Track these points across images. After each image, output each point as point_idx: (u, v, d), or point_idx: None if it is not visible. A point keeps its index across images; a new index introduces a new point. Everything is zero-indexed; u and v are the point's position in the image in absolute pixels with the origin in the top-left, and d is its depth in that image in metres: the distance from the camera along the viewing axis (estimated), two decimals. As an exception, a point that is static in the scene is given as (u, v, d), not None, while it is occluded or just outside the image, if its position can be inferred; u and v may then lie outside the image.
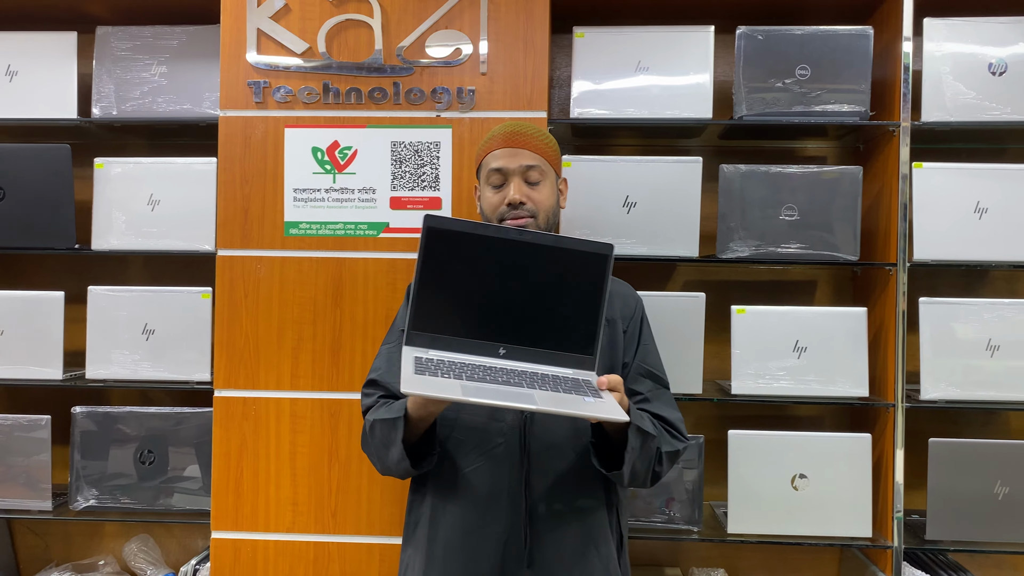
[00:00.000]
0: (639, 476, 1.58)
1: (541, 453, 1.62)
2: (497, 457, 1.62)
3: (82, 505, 2.35)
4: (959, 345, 2.24)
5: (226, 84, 2.26)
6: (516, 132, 1.73)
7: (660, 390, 1.71)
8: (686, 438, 1.69)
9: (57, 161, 2.36)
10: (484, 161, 1.75)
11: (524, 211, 1.69)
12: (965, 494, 2.21)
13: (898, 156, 2.24)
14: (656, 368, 1.74)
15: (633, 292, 1.83)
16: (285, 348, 2.24)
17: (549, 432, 1.63)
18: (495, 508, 1.61)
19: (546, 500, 1.62)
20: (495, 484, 1.61)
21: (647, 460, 1.57)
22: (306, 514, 2.23)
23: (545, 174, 1.72)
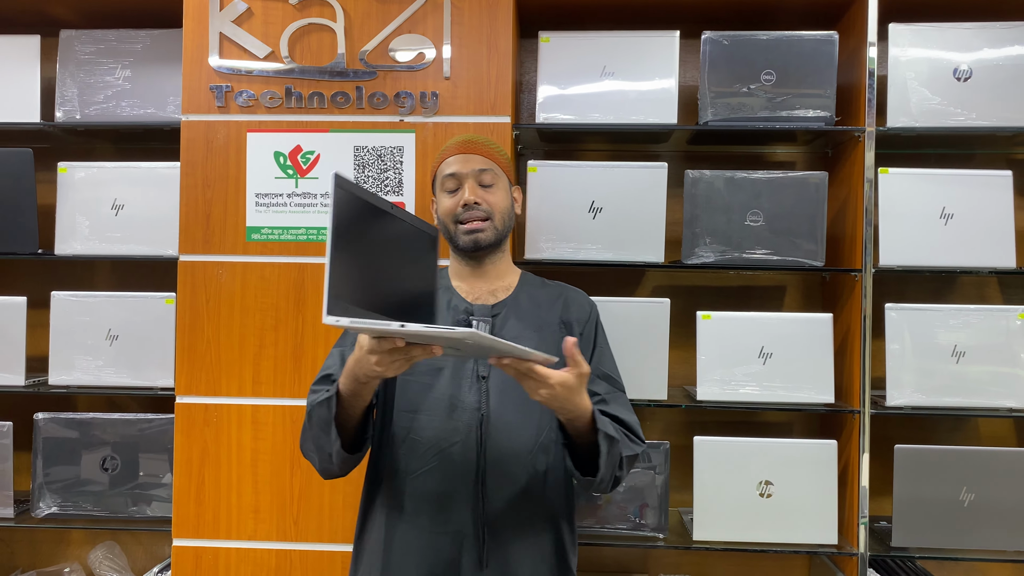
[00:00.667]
0: (605, 481, 1.59)
1: (497, 453, 1.63)
2: (453, 457, 1.62)
3: (44, 512, 2.32)
4: (925, 351, 2.23)
5: (188, 88, 2.24)
6: (469, 140, 1.77)
7: (616, 393, 1.72)
8: (643, 441, 1.69)
9: (19, 165, 2.35)
10: (439, 170, 1.78)
11: (479, 211, 1.71)
12: (931, 501, 2.20)
13: (864, 162, 2.23)
14: (612, 371, 1.75)
15: (587, 298, 1.84)
16: (247, 354, 2.22)
17: (505, 432, 1.63)
18: (451, 508, 1.61)
19: (502, 500, 1.62)
20: (451, 484, 1.62)
21: (612, 465, 1.58)
22: (268, 521, 2.21)
23: (498, 178, 1.75)
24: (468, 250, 1.72)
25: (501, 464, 1.63)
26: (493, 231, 1.72)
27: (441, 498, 1.62)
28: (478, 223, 1.70)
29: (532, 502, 1.65)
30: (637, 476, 2.25)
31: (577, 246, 2.27)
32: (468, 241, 1.71)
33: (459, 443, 1.63)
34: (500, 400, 1.64)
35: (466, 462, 1.62)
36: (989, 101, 2.24)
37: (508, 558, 1.62)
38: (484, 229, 1.71)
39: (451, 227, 1.73)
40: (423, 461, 1.63)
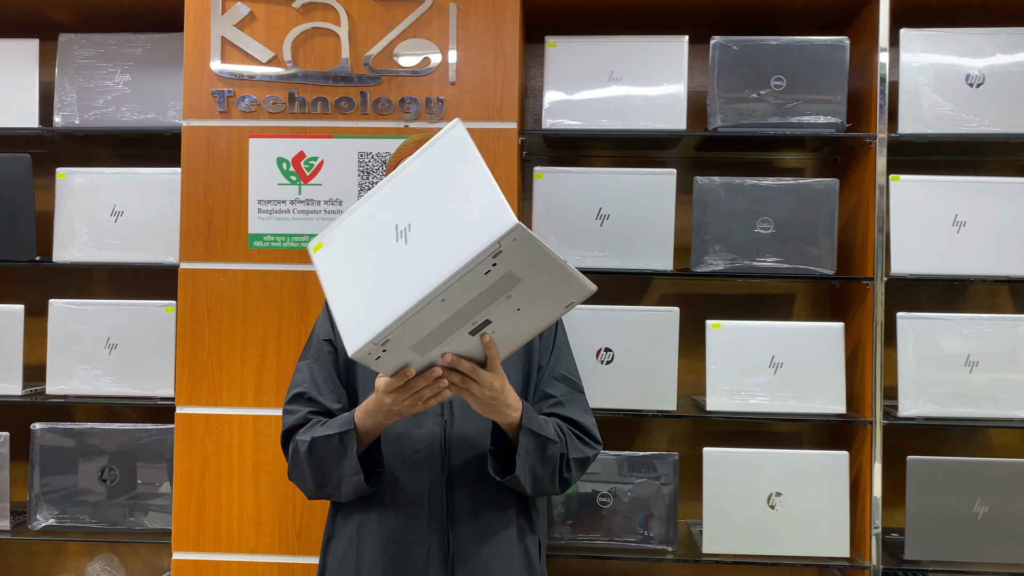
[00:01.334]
0: (542, 482, 1.55)
1: (461, 458, 1.60)
2: (418, 464, 1.59)
3: (41, 524, 2.28)
4: (937, 361, 2.20)
5: (189, 93, 2.21)
6: (425, 140, 1.66)
7: (574, 394, 1.68)
8: (598, 443, 1.65)
9: (17, 171, 2.31)
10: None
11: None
12: (944, 512, 2.16)
13: (875, 168, 2.20)
14: (570, 372, 1.70)
15: None
16: (249, 364, 2.18)
17: (469, 437, 1.60)
18: (418, 515, 1.58)
19: (468, 505, 1.59)
20: (417, 491, 1.59)
21: (549, 466, 1.54)
22: (270, 534, 2.17)
23: None
24: None
25: (467, 471, 1.60)
26: None
27: (407, 507, 1.59)
28: None
29: (499, 508, 1.62)
30: (644, 487, 2.22)
31: (584, 253, 2.24)
32: None
33: (423, 451, 1.60)
34: (464, 407, 1.60)
35: (431, 470, 1.59)
36: (1002, 107, 2.21)
37: (475, 565, 1.59)
38: None
39: None
40: (389, 469, 1.60)
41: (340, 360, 1.66)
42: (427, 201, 1.27)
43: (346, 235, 1.35)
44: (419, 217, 1.26)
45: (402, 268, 1.24)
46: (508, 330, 1.32)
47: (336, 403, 1.63)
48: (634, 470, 2.22)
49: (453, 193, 1.25)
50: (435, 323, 1.24)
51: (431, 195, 1.27)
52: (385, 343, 1.24)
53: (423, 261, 1.22)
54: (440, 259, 1.20)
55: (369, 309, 1.23)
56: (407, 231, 1.27)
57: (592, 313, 2.21)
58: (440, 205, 1.25)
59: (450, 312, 1.23)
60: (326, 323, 1.69)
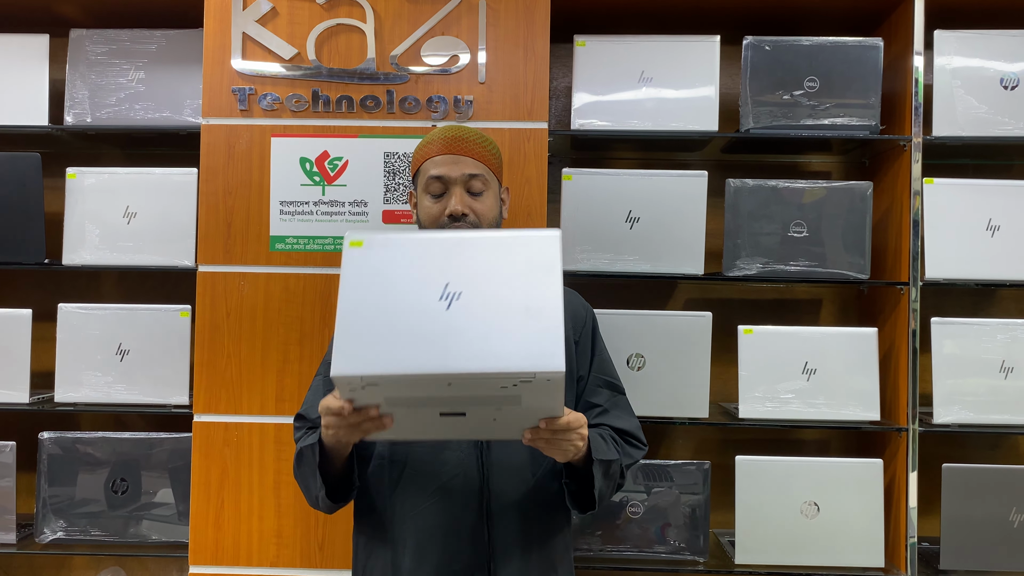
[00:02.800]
0: (605, 499, 1.53)
1: (501, 481, 1.54)
2: (455, 489, 1.53)
3: (49, 537, 2.19)
4: (972, 366, 2.17)
5: (209, 90, 2.14)
6: (458, 137, 1.60)
7: (617, 397, 1.64)
8: (644, 445, 1.62)
9: (26, 170, 2.23)
10: (422, 167, 1.62)
11: (466, 223, 1.56)
12: (980, 521, 2.13)
13: (909, 172, 2.17)
14: (612, 377, 1.67)
15: (584, 302, 1.72)
16: (270, 370, 2.11)
17: (507, 458, 1.55)
18: (457, 541, 1.52)
19: (508, 529, 1.54)
20: (456, 517, 1.53)
21: (611, 482, 1.52)
22: (291, 547, 2.09)
23: (488, 183, 1.60)
24: None
25: (506, 494, 1.54)
26: None
27: (446, 534, 1.53)
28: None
29: (537, 527, 1.57)
30: (673, 496, 2.17)
31: (614, 257, 2.19)
32: None
33: (460, 476, 1.53)
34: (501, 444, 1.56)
35: (469, 495, 1.53)
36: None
37: None
38: None
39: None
40: (423, 497, 1.54)
41: None
42: (490, 283, 1.22)
43: (392, 252, 1.27)
44: (474, 292, 1.21)
45: (430, 329, 1.18)
46: (472, 423, 1.29)
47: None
48: (664, 479, 2.17)
49: (518, 295, 1.21)
50: (425, 394, 1.21)
51: (497, 281, 1.22)
52: (371, 386, 1.19)
53: (455, 338, 1.17)
54: (472, 349, 1.16)
55: (377, 346, 1.18)
56: (455, 297, 1.21)
57: (624, 318, 2.16)
58: (500, 298, 1.21)
59: (444, 394, 1.20)
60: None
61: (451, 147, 1.59)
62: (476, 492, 1.53)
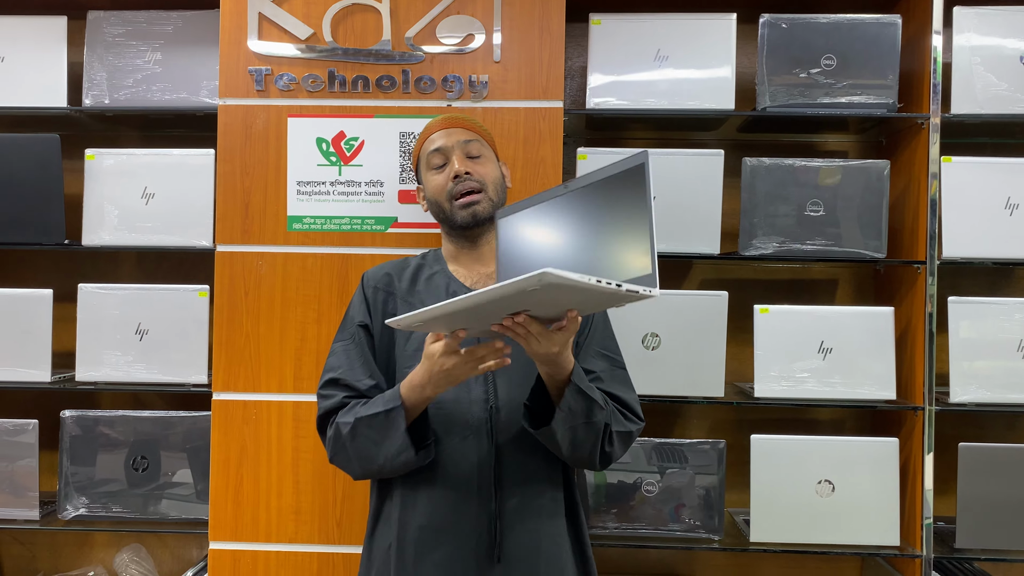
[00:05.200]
0: (582, 448, 1.51)
1: (508, 444, 1.57)
2: (465, 451, 1.57)
3: (72, 514, 2.23)
4: (989, 346, 2.16)
5: (226, 71, 2.15)
6: (449, 117, 1.73)
7: (616, 370, 1.65)
8: (640, 420, 1.62)
9: (45, 152, 2.24)
10: (422, 150, 1.72)
11: (472, 181, 1.64)
12: (996, 501, 2.13)
13: (927, 150, 2.16)
14: (610, 349, 1.68)
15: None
16: (288, 349, 2.12)
17: (515, 422, 1.57)
18: (466, 503, 1.56)
19: (516, 493, 1.58)
20: (464, 479, 1.57)
21: (592, 433, 1.50)
22: (309, 523, 2.12)
23: (484, 148, 1.70)
24: (467, 226, 1.64)
25: (514, 456, 1.58)
26: (488, 203, 1.64)
27: (453, 494, 1.57)
28: (473, 195, 1.63)
29: (546, 493, 1.60)
30: (688, 475, 2.17)
31: (629, 237, 2.18)
32: (466, 216, 1.63)
33: (470, 437, 1.57)
34: (508, 391, 1.59)
35: (479, 456, 1.57)
36: (1056, 87, 2.17)
37: (523, 551, 1.57)
38: (479, 201, 1.63)
39: (445, 205, 1.65)
40: (435, 458, 1.57)
41: (376, 344, 1.65)
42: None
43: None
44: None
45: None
46: (550, 311, 1.34)
47: (372, 385, 1.60)
48: (678, 459, 2.18)
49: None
50: (482, 312, 1.28)
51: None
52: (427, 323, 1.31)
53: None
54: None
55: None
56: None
57: (639, 297, 2.16)
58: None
59: (495, 308, 1.26)
60: (362, 307, 1.68)
61: (443, 124, 1.71)
62: (485, 456, 1.57)
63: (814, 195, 2.16)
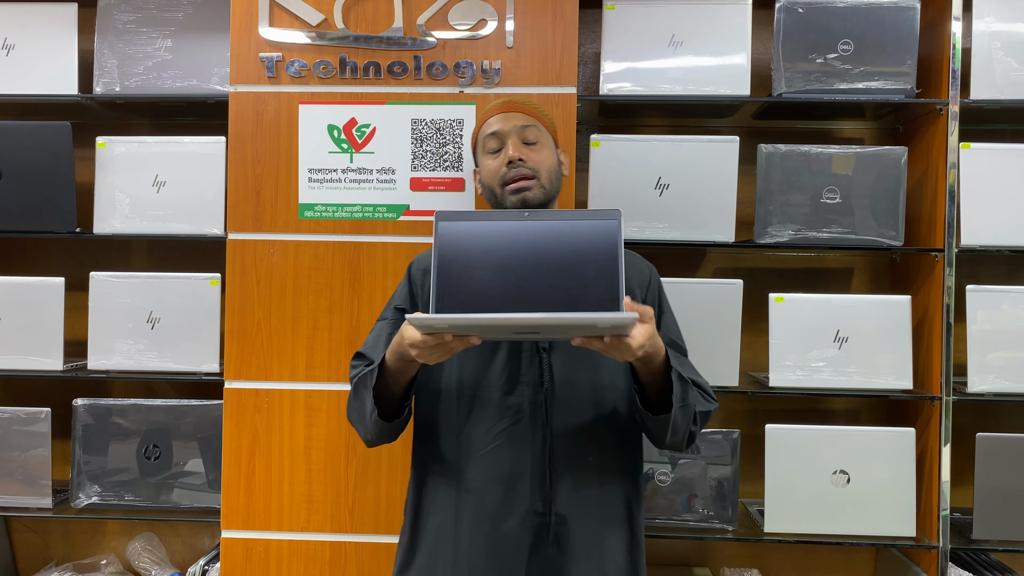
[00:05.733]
0: (679, 431, 1.50)
1: (563, 427, 1.56)
2: (518, 434, 1.56)
3: (84, 502, 2.23)
4: (1008, 335, 2.13)
5: (236, 58, 2.14)
6: (510, 100, 1.71)
7: (682, 358, 1.64)
8: (715, 400, 1.61)
9: (57, 140, 2.24)
10: (479, 134, 1.70)
11: (525, 168, 1.61)
12: (1014, 492, 2.11)
13: (945, 136, 2.13)
14: (677, 337, 1.67)
15: (647, 263, 1.73)
16: (300, 337, 2.12)
17: (571, 405, 1.56)
18: (520, 487, 1.55)
19: (571, 475, 1.56)
20: (518, 463, 1.55)
21: (687, 415, 1.49)
22: (322, 512, 2.11)
23: (542, 135, 1.66)
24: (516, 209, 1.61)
25: (569, 441, 1.56)
26: (540, 190, 1.62)
27: (507, 479, 1.55)
28: (524, 181, 1.60)
29: (601, 478, 1.58)
30: (702, 465, 2.16)
31: (643, 224, 2.17)
32: (516, 201, 1.60)
33: (524, 421, 1.56)
34: (564, 373, 1.57)
35: (532, 440, 1.55)
36: (1078, 72, 2.13)
37: (577, 536, 1.55)
38: (531, 187, 1.60)
39: (497, 190, 1.63)
40: (486, 441, 1.57)
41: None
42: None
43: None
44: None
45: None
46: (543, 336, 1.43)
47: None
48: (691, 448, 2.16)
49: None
50: (504, 328, 1.35)
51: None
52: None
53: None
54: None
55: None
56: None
57: (653, 285, 2.14)
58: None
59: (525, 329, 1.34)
60: (404, 290, 1.67)
61: (504, 107, 1.68)
62: (540, 439, 1.55)
63: (830, 182, 2.14)
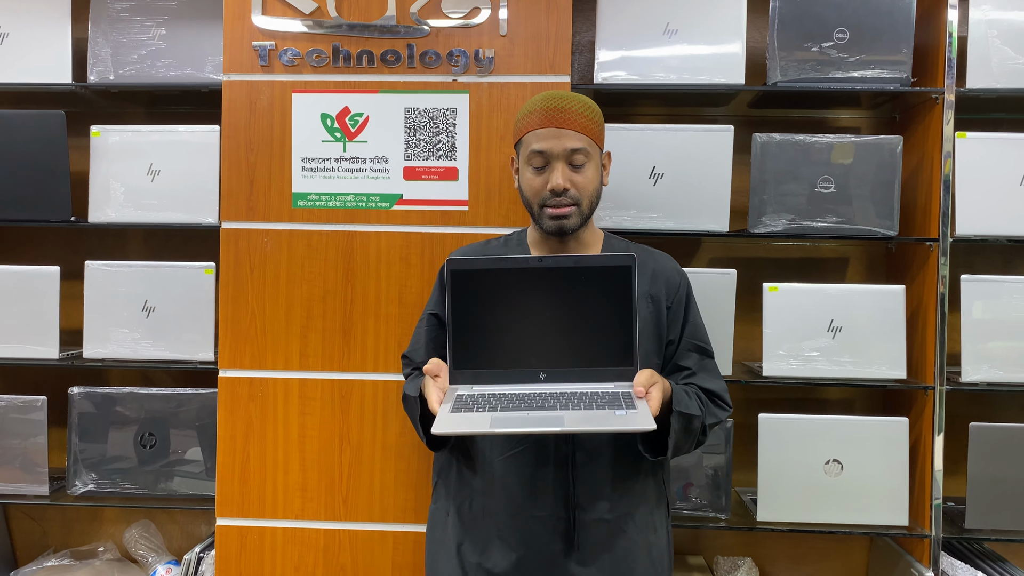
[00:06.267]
0: (682, 450, 1.56)
1: (587, 434, 1.58)
2: (540, 440, 1.59)
3: (81, 490, 2.24)
4: (1002, 325, 2.13)
5: (230, 47, 2.13)
6: (559, 108, 1.57)
7: (705, 360, 1.67)
8: (729, 406, 1.64)
9: (51, 129, 2.24)
10: (524, 139, 1.61)
11: (567, 198, 1.57)
12: (1007, 481, 2.11)
13: (941, 125, 2.12)
14: (703, 341, 1.69)
15: (677, 267, 1.72)
16: (294, 326, 2.12)
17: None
18: (541, 489, 1.58)
19: (592, 482, 1.59)
20: (540, 465, 1.58)
21: (691, 437, 1.55)
22: (316, 500, 2.12)
23: (590, 156, 1.59)
24: (551, 233, 1.61)
25: (590, 443, 1.59)
26: (579, 216, 1.59)
27: (530, 483, 1.58)
28: (565, 209, 1.57)
29: (622, 481, 1.61)
30: (695, 454, 2.16)
31: (636, 214, 2.17)
32: (553, 227, 1.59)
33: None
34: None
35: (556, 445, 1.58)
36: (1074, 61, 2.12)
37: (599, 540, 1.59)
38: (569, 216, 1.58)
39: (535, 208, 1.61)
40: (510, 444, 1.60)
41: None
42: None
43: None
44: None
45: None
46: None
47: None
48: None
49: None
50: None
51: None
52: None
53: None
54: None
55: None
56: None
57: (646, 275, 2.14)
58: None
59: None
60: (437, 296, 1.73)
61: (553, 119, 1.57)
62: (561, 444, 1.58)
63: (825, 172, 2.13)
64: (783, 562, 2.47)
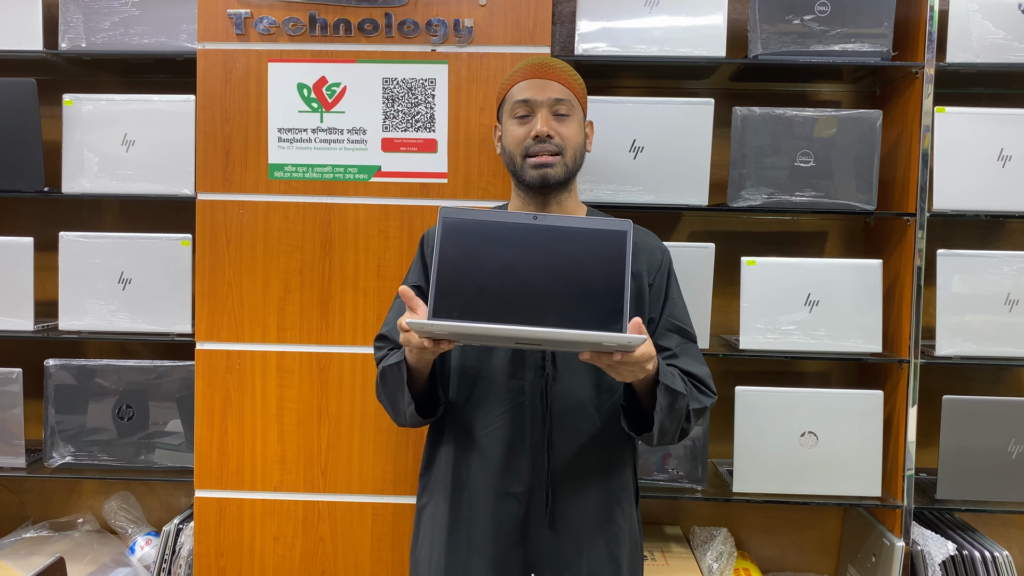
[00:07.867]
0: (667, 435, 1.52)
1: (563, 411, 1.59)
2: (519, 416, 1.59)
3: (58, 462, 2.23)
4: (976, 299, 2.15)
5: (204, 14, 2.09)
6: (544, 63, 1.61)
7: (687, 344, 1.64)
8: (714, 393, 1.62)
9: (22, 97, 2.20)
10: (508, 94, 1.63)
11: (551, 145, 1.57)
12: (977, 452, 2.14)
13: (920, 100, 2.12)
14: (684, 322, 1.66)
15: (660, 244, 1.72)
16: (271, 299, 2.11)
17: (571, 390, 1.59)
18: (517, 467, 1.58)
19: (568, 459, 1.59)
20: (517, 443, 1.59)
21: (676, 419, 1.51)
22: (294, 472, 2.13)
23: (573, 109, 1.60)
24: (535, 186, 1.59)
25: (567, 423, 1.59)
26: (563, 168, 1.58)
27: (507, 458, 1.59)
28: (547, 157, 1.57)
29: (597, 460, 1.61)
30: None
31: (616, 188, 2.16)
32: (536, 176, 1.57)
33: (525, 402, 1.59)
34: (566, 359, 1.60)
35: (532, 422, 1.59)
36: (1055, 36, 2.12)
37: (573, 517, 1.59)
38: (554, 164, 1.57)
39: (517, 160, 1.60)
40: (488, 421, 1.60)
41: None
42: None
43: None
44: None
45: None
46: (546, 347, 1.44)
47: None
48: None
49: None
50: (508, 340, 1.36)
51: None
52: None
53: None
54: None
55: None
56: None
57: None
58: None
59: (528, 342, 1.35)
60: (417, 267, 1.69)
61: (538, 72, 1.60)
62: (539, 421, 1.58)
63: (804, 146, 2.13)
64: (759, 532, 2.50)
